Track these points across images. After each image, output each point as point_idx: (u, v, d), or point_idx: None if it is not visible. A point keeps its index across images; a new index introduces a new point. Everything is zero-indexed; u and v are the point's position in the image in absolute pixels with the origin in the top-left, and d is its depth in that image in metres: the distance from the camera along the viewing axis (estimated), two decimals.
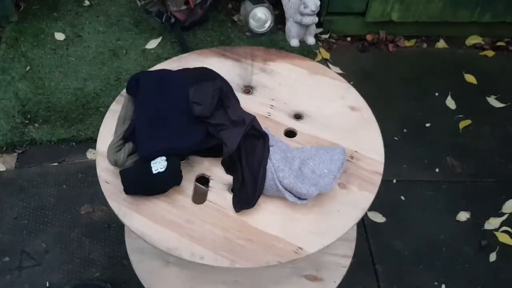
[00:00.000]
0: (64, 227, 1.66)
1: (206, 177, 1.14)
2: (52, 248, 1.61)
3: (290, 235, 1.04)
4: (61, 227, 1.66)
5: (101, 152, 1.16)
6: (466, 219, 1.74)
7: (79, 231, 1.65)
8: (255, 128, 1.16)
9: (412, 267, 1.61)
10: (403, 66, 2.27)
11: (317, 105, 1.28)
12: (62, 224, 1.67)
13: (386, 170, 1.16)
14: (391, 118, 2.02)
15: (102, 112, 1.95)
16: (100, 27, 2.32)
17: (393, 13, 2.25)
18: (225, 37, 2.32)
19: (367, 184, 1.13)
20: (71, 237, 1.64)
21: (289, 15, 2.26)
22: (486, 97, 2.14)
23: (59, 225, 1.67)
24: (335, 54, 2.29)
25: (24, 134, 1.89)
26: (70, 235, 1.64)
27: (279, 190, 1.07)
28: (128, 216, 1.06)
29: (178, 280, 1.37)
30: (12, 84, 2.05)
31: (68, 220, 1.68)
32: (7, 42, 2.22)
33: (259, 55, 1.41)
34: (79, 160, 1.84)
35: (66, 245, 1.62)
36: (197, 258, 1.00)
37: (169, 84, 1.21)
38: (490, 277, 1.60)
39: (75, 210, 1.70)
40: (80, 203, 1.72)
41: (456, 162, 1.90)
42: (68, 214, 1.69)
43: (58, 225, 1.66)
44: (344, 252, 1.44)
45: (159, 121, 1.14)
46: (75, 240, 1.63)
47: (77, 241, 1.63)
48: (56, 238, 1.63)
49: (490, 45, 2.37)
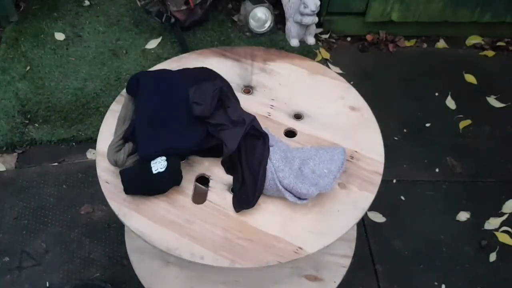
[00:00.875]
0: (64, 227, 1.66)
1: (206, 177, 1.14)
2: (52, 248, 1.61)
3: (290, 235, 1.04)
4: (61, 227, 1.66)
5: (101, 152, 1.16)
6: (466, 219, 1.74)
7: (79, 231, 1.65)
8: (255, 128, 1.16)
9: (412, 267, 1.61)
10: (403, 66, 2.27)
11: (317, 105, 1.28)
12: (62, 224, 1.67)
13: (386, 170, 1.16)
14: (391, 118, 2.02)
15: (102, 112, 1.95)
16: (100, 27, 2.32)
17: (393, 13, 2.25)
18: (225, 37, 2.32)
19: (367, 184, 1.13)
20: (71, 237, 1.64)
21: (289, 15, 2.26)
22: (486, 97, 2.14)
23: (59, 225, 1.67)
24: (335, 54, 2.29)
25: (24, 134, 1.89)
26: (70, 235, 1.64)
27: (279, 190, 1.07)
28: (128, 216, 1.06)
29: (178, 280, 1.37)
30: (12, 84, 2.05)
31: (68, 220, 1.68)
32: (7, 42, 2.22)
33: (259, 55, 1.41)
34: (79, 160, 1.85)
35: (66, 245, 1.62)
36: (197, 258, 1.00)
37: (169, 84, 1.21)
38: (490, 277, 1.60)
39: (75, 210, 1.70)
40: (80, 203, 1.72)
41: (456, 162, 1.90)
42: (68, 214, 1.69)
43: (58, 225, 1.66)
44: (344, 252, 1.44)
45: (159, 121, 1.14)
46: (75, 240, 1.63)
47: (77, 241, 1.63)
48: (56, 238, 1.63)
49: (490, 45, 2.37)
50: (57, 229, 1.66)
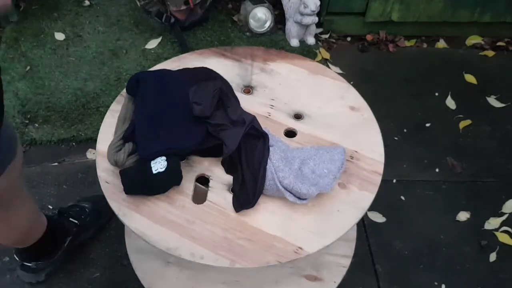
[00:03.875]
0: None
1: (206, 177, 1.14)
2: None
3: (290, 235, 1.04)
4: None
5: (101, 152, 1.16)
6: (466, 219, 1.74)
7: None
8: (255, 128, 1.16)
9: (412, 267, 1.61)
10: (403, 66, 2.27)
11: (317, 105, 1.28)
12: None
13: (386, 170, 1.16)
14: (391, 118, 2.02)
15: (102, 112, 1.95)
16: (100, 27, 2.32)
17: (393, 13, 2.25)
18: (225, 37, 2.32)
19: (367, 184, 1.13)
20: None
21: (289, 15, 2.26)
22: (486, 97, 2.14)
23: None
24: (335, 54, 2.29)
25: (24, 134, 1.89)
26: None
27: (279, 190, 1.07)
28: (128, 216, 1.06)
29: (178, 280, 1.37)
30: (12, 84, 2.05)
31: None
32: (7, 42, 2.23)
33: (259, 55, 1.41)
34: (79, 160, 1.85)
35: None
36: (197, 258, 1.00)
37: (169, 84, 1.21)
38: (490, 277, 1.60)
39: None
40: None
41: (456, 162, 1.90)
42: None
43: None
44: (344, 252, 1.44)
45: (159, 121, 1.14)
46: (81, 242, 1.63)
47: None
48: None
49: (490, 45, 2.37)
50: None
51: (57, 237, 1.47)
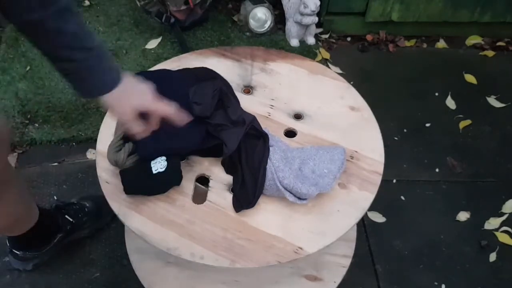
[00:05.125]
0: None
1: (206, 177, 1.14)
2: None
3: (290, 235, 1.04)
4: None
5: (101, 152, 1.16)
6: (466, 219, 1.74)
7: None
8: (255, 128, 1.16)
9: (412, 267, 1.61)
10: (403, 66, 2.27)
11: (317, 105, 1.29)
12: None
13: (386, 170, 1.16)
14: (391, 118, 2.02)
15: (102, 112, 1.95)
16: (100, 27, 2.32)
17: (393, 13, 2.25)
18: (225, 37, 2.32)
19: (367, 184, 1.13)
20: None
21: (289, 15, 2.26)
22: (486, 97, 2.14)
23: None
24: (335, 54, 2.29)
25: (24, 134, 1.89)
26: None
27: (279, 190, 1.07)
28: (128, 216, 1.06)
29: (178, 280, 1.37)
30: (12, 84, 2.05)
31: None
32: (7, 42, 2.22)
33: (259, 55, 1.41)
34: (79, 160, 1.84)
35: (66, 245, 1.61)
36: (197, 258, 1.00)
37: (169, 84, 1.21)
38: (490, 277, 1.60)
39: None
40: None
41: (456, 162, 1.90)
42: None
43: None
44: (344, 252, 1.44)
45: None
46: (75, 240, 1.63)
47: (77, 241, 1.63)
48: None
49: (490, 45, 2.37)
50: None
51: (47, 232, 1.47)
